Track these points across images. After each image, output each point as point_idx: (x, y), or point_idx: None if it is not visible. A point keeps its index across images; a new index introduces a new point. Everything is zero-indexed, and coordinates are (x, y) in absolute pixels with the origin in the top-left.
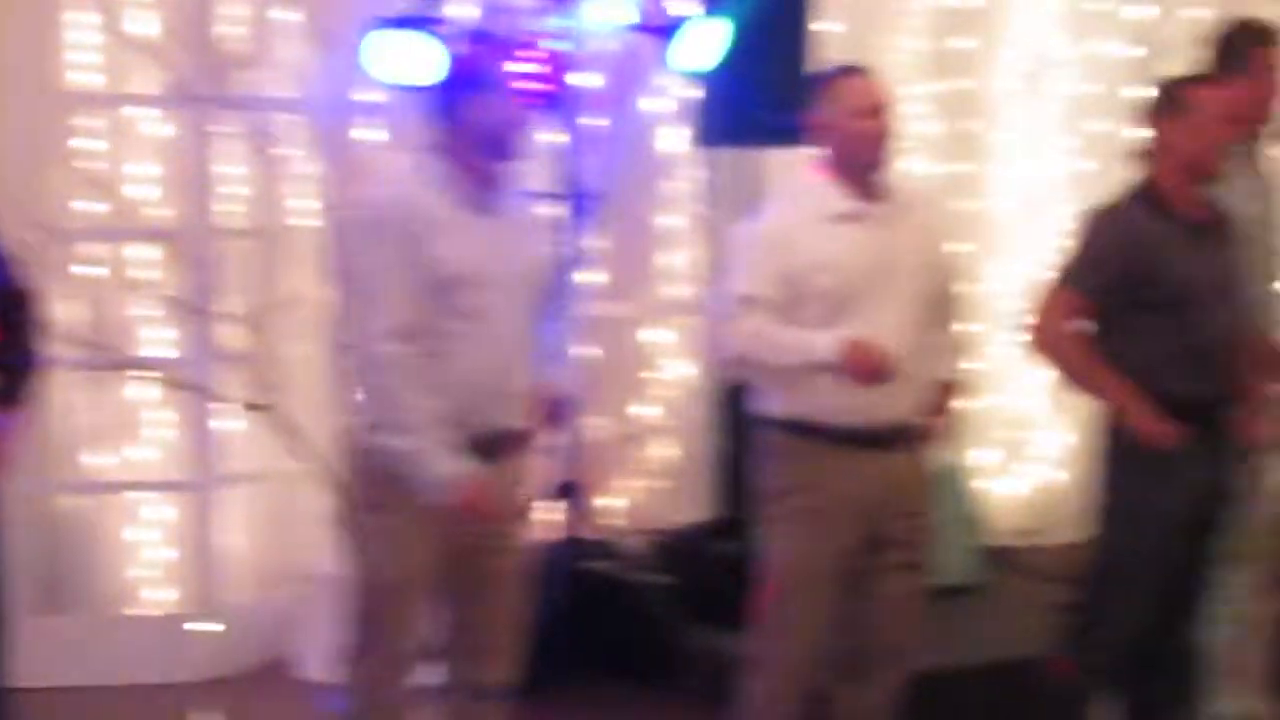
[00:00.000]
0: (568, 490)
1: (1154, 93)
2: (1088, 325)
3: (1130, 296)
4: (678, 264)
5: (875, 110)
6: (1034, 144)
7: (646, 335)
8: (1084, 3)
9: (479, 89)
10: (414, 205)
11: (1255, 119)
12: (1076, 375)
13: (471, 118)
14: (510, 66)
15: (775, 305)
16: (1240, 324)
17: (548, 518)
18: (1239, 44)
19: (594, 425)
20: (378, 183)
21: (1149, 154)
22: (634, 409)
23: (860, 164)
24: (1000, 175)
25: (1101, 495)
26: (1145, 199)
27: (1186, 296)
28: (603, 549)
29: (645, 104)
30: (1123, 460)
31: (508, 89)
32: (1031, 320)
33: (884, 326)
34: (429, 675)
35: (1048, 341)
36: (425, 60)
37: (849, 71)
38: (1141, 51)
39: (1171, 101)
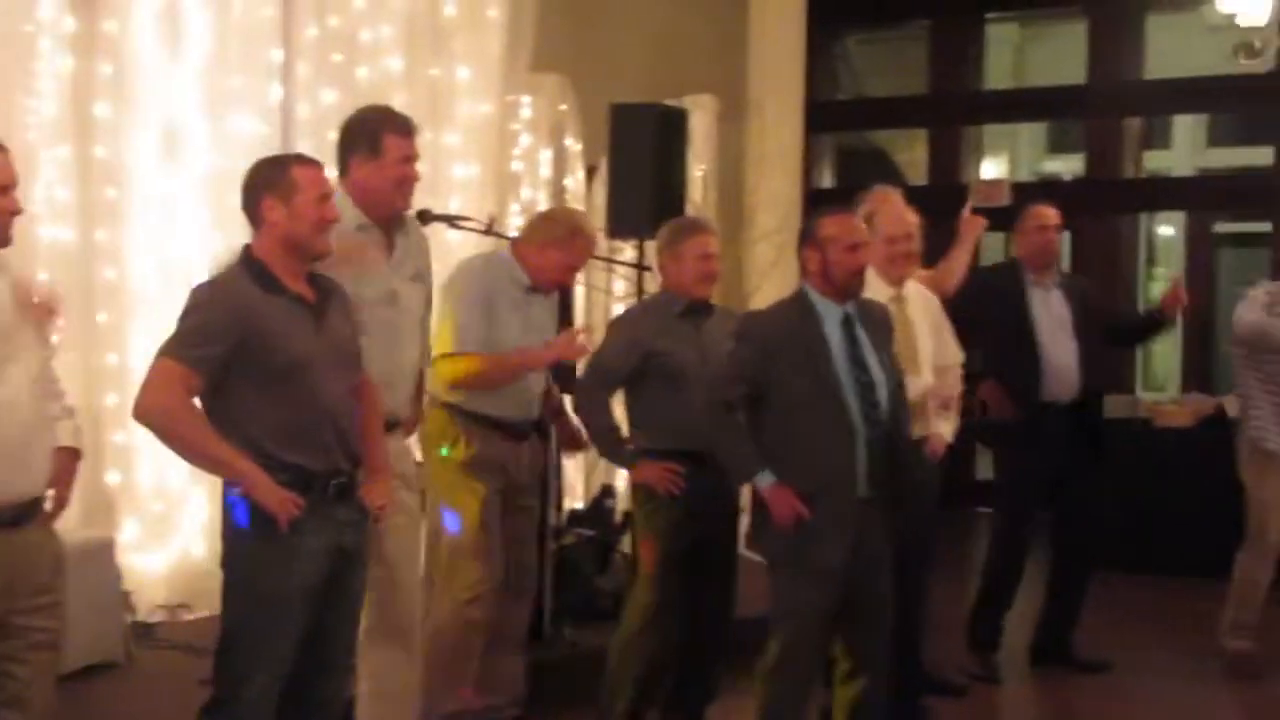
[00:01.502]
0: None
1: (253, 170)
2: (201, 396)
3: (240, 367)
4: None
5: (4, 188)
6: (170, 214)
7: None
8: (218, 78)
9: None
10: None
11: (388, 204)
12: (189, 448)
13: None
14: None
15: None
16: (349, 397)
17: None
18: (375, 130)
19: None
20: None
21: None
22: None
23: None
24: (137, 244)
25: (226, 567)
26: (250, 271)
27: (294, 369)
28: None
29: None
30: (242, 532)
31: None
32: (139, 393)
33: (13, 394)
34: None
35: (154, 414)
36: None
37: None
38: (269, 129)
39: (271, 180)
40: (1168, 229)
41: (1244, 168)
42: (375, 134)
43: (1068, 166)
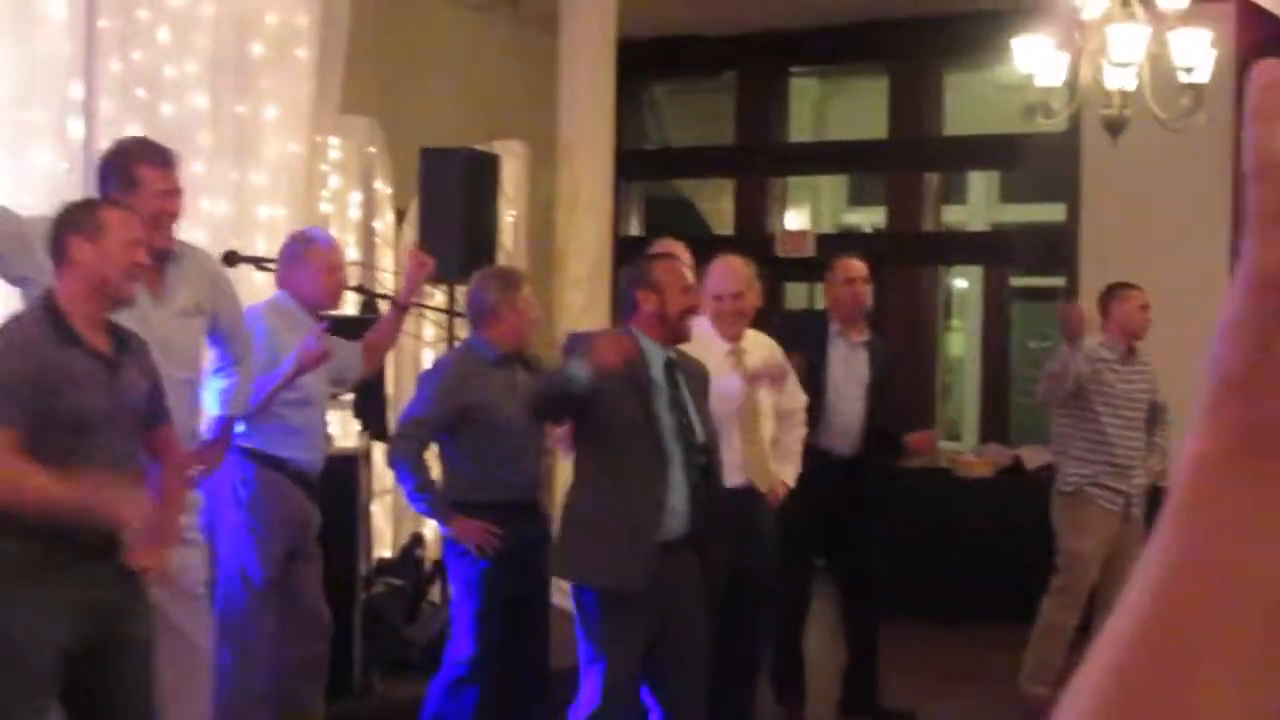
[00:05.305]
0: None
1: (61, 211)
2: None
3: (42, 419)
4: None
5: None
6: None
7: None
8: (16, 113)
9: None
10: None
11: (149, 242)
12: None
13: None
14: None
15: None
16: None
17: None
18: (129, 162)
19: None
20: None
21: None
22: None
23: None
24: None
25: None
26: (48, 318)
27: (80, 428)
28: None
29: None
30: None
31: None
32: None
33: None
34: None
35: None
36: None
37: None
38: (70, 166)
39: (79, 220)
40: (962, 282)
41: (1037, 223)
42: (129, 166)
43: (868, 219)
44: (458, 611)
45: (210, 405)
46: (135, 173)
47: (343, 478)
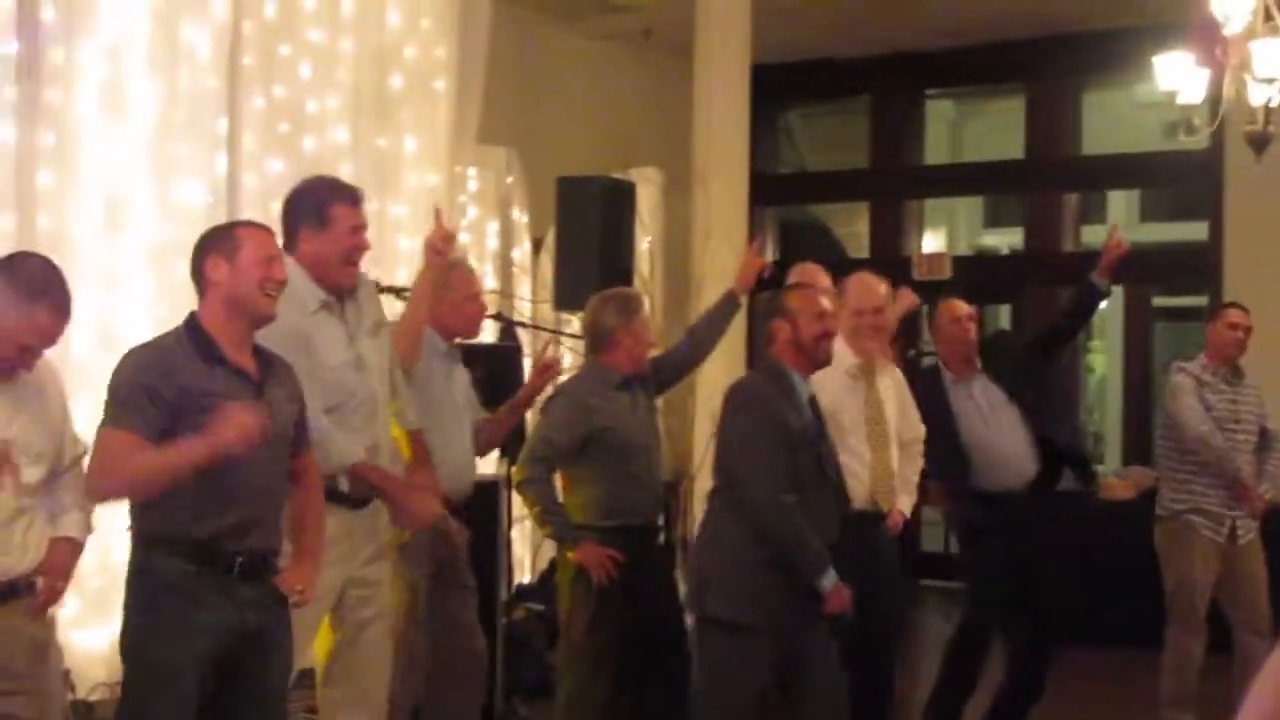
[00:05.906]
0: None
1: (201, 236)
2: None
3: (172, 434)
4: None
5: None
6: (113, 284)
7: None
8: (163, 147)
9: None
10: None
11: (336, 276)
12: (148, 481)
13: None
14: None
15: None
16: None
17: None
18: (322, 200)
19: None
20: None
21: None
22: None
23: None
24: (79, 315)
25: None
26: (192, 339)
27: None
28: None
29: None
30: (137, 604)
31: None
32: (88, 476)
33: None
34: None
35: (103, 483)
36: None
37: None
38: (215, 199)
39: (216, 240)
40: (1103, 302)
41: (1178, 242)
42: (323, 205)
43: (1005, 240)
44: (569, 635)
45: None
46: (328, 211)
47: (483, 504)
